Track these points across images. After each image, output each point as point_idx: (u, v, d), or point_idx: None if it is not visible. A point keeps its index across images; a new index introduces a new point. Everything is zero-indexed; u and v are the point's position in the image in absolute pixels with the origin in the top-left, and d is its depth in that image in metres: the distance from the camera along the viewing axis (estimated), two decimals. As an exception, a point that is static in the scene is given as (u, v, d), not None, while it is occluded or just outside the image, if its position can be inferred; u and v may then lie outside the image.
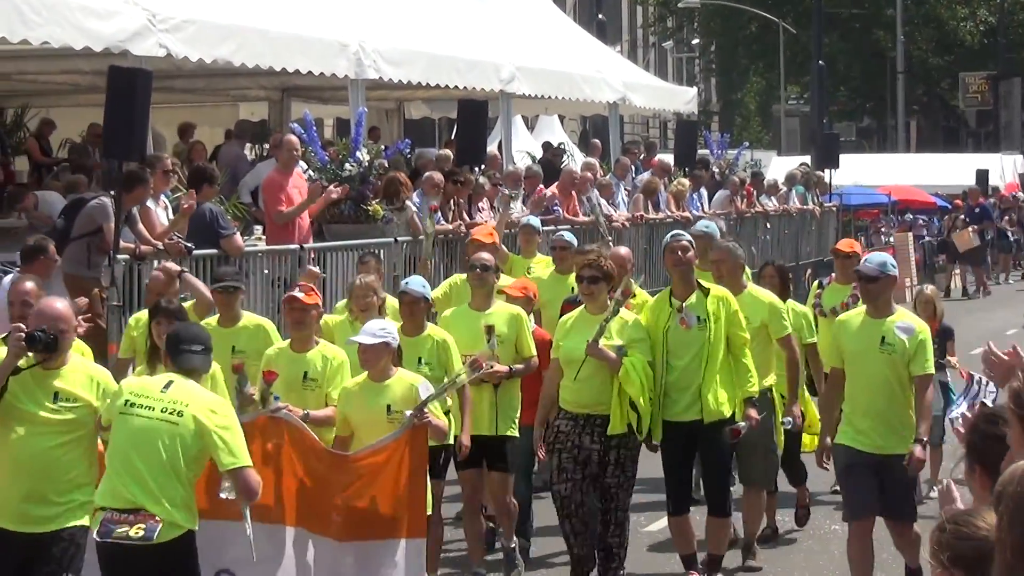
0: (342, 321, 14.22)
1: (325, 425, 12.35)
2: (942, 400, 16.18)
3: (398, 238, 20.26)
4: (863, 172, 46.02)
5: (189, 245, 16.66)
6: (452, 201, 21.83)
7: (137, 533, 9.85)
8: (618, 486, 13.35)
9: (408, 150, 23.89)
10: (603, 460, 13.24)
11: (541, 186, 24.99)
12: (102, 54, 18.02)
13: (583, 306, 13.53)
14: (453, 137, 26.17)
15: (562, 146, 35.10)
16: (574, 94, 28.61)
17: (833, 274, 17.98)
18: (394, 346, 11.85)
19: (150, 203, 17.49)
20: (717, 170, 32.66)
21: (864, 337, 12.56)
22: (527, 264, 18.43)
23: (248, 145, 25.74)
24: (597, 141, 33.15)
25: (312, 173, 20.24)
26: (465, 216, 22.10)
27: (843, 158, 40.28)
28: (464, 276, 15.50)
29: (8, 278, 14.05)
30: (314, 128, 22.04)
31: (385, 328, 11.87)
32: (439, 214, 21.18)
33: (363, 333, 11.84)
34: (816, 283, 18.28)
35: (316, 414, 12.25)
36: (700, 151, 33.33)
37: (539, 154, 31.96)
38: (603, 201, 25.99)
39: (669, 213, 28.10)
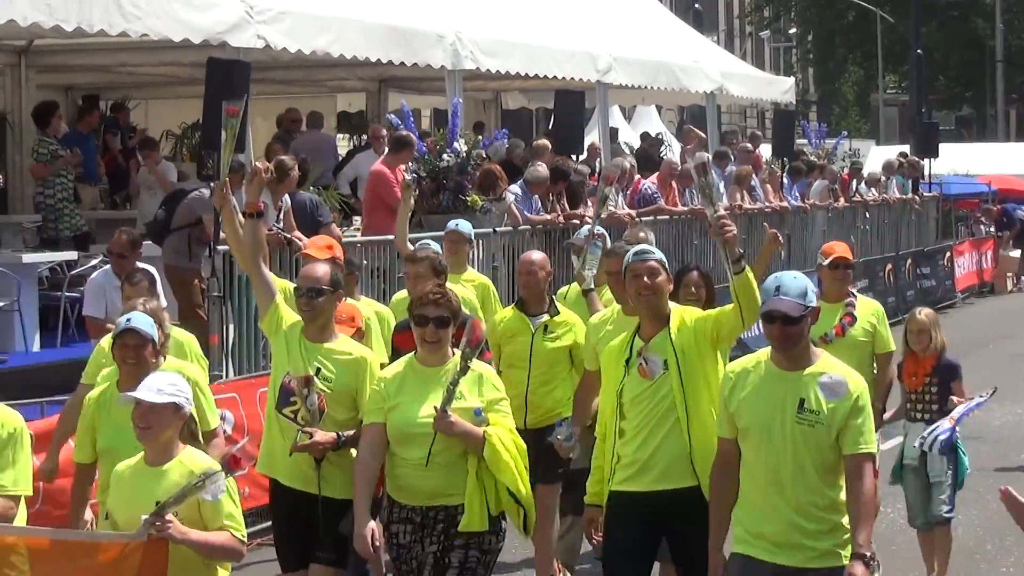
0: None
1: None
2: (949, 465, 12.44)
3: (496, 229, 20.19)
4: (962, 161, 45.42)
5: (288, 236, 16.65)
6: (550, 192, 21.73)
7: None
8: None
9: (505, 141, 23.82)
10: (439, 564, 9.21)
11: (638, 177, 24.93)
12: (200, 46, 18.07)
13: (411, 354, 9.53)
14: (551, 127, 26.05)
15: (660, 136, 34.98)
16: (671, 84, 28.49)
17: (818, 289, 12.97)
18: (187, 411, 8.17)
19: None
20: (815, 160, 32.42)
21: (770, 401, 8.17)
22: (455, 282, 13.19)
23: (346, 135, 25.73)
24: (690, 127, 32.92)
25: (411, 164, 20.20)
26: (564, 206, 21.99)
27: (942, 147, 39.76)
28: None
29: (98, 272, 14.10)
30: (411, 119, 22.00)
31: (175, 384, 8.19)
32: (539, 205, 21.14)
33: (142, 388, 8.05)
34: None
35: None
36: (798, 141, 33.12)
37: (637, 144, 31.86)
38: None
39: (767, 203, 27.99)
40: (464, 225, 14.59)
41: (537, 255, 13.02)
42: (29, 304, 17.14)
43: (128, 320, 9.26)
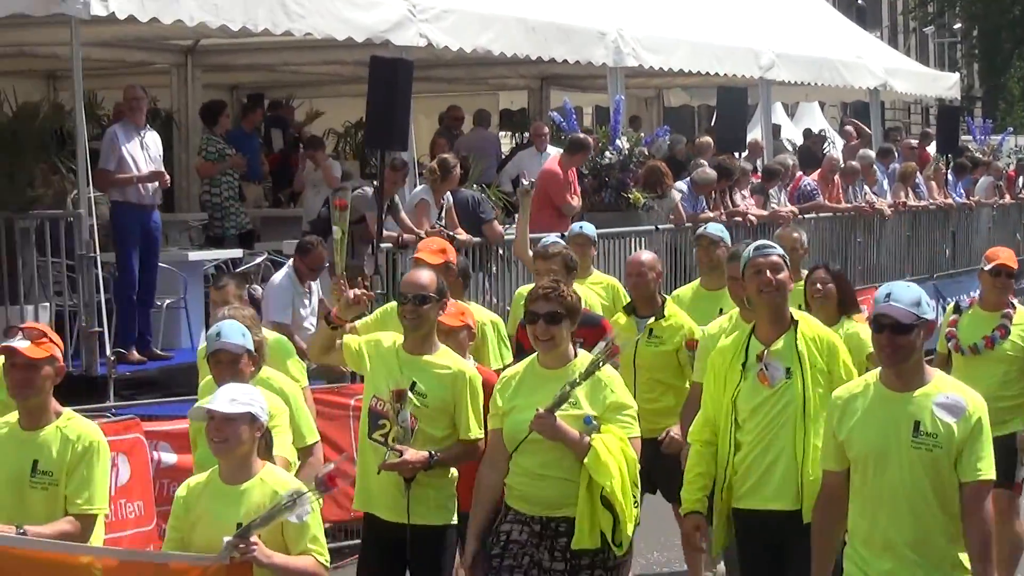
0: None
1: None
2: None
3: (658, 226, 20.13)
4: None
5: (451, 233, 16.67)
6: (712, 191, 21.64)
7: None
8: None
9: (667, 137, 23.76)
10: None
11: (799, 174, 24.78)
12: (363, 44, 18.18)
13: (533, 357, 8.80)
14: (713, 124, 25.94)
15: (823, 133, 34.73)
16: (834, 80, 28.21)
17: (975, 294, 12.24)
18: (263, 421, 7.62)
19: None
20: (980, 156, 32.04)
21: (883, 425, 7.34)
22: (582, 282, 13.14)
23: (508, 133, 25.73)
24: (850, 128, 32.62)
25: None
26: (727, 203, 21.89)
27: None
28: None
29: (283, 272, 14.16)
30: (574, 116, 22.01)
31: (249, 393, 7.71)
32: (703, 204, 21.08)
33: (216, 399, 7.57)
34: (952, 306, 12.30)
35: (38, 530, 7.68)
36: (962, 137, 32.74)
37: (799, 141, 31.67)
38: (867, 188, 25.64)
39: (932, 200, 27.69)
40: (588, 228, 14.33)
41: (647, 255, 12.49)
42: (195, 301, 17.27)
43: (218, 336, 8.85)
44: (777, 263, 8.74)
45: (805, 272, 12.19)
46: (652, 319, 11.78)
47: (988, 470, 7.23)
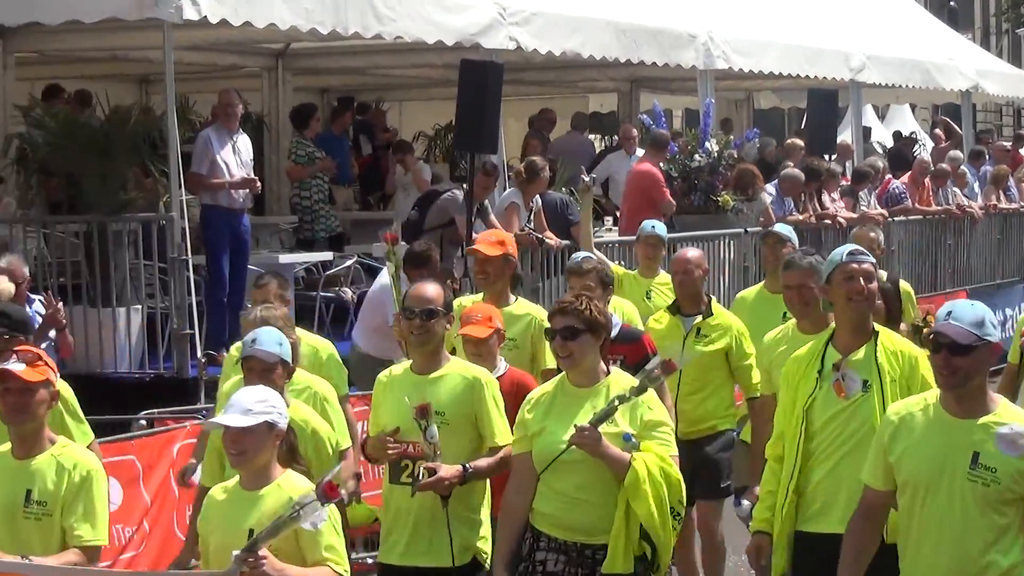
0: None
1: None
2: None
3: (748, 228, 20.06)
4: None
5: (540, 236, 16.68)
6: (801, 192, 21.55)
7: None
8: None
9: (756, 140, 23.68)
10: None
11: (888, 176, 24.66)
12: (453, 48, 18.22)
13: (562, 376, 8.26)
14: (803, 127, 25.85)
15: (913, 135, 34.56)
16: (925, 82, 28.04)
17: None
18: (281, 427, 7.18)
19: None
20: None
21: (938, 452, 6.77)
22: (647, 286, 13.63)
23: (597, 136, 25.69)
24: (940, 131, 32.44)
25: (662, 164, 20.15)
26: (816, 206, 21.80)
27: None
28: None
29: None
30: (663, 119, 21.97)
31: (266, 400, 7.19)
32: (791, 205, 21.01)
33: (230, 410, 7.15)
34: None
35: (43, 562, 7.31)
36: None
37: (889, 143, 31.51)
38: (957, 190, 25.48)
39: (1022, 204, 27.48)
40: (660, 227, 14.11)
41: (693, 252, 12.00)
42: (286, 304, 17.33)
43: (253, 342, 8.44)
44: (870, 271, 8.22)
45: (884, 274, 11.90)
46: (699, 318, 11.43)
47: None
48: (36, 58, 19.07)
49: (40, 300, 14.11)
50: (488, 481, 8.69)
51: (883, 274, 11.99)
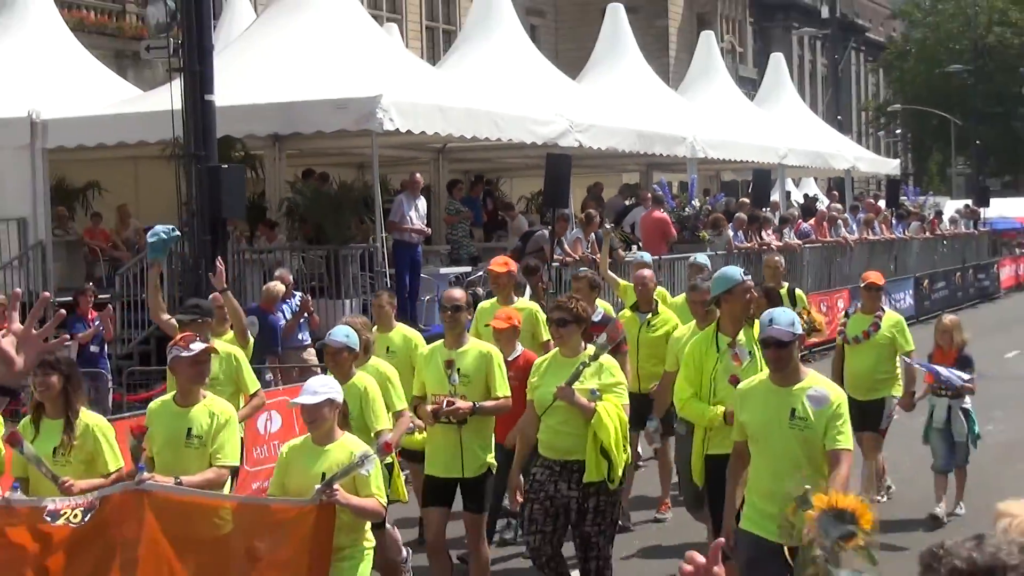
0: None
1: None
2: (965, 425, 10.47)
3: (717, 252, 19.94)
4: (1006, 209, 43.45)
5: (593, 257, 16.56)
6: (748, 229, 21.36)
7: None
8: (598, 534, 7.61)
9: (723, 199, 23.51)
10: (582, 508, 7.55)
11: (800, 220, 24.33)
12: (542, 146, 18.18)
13: (556, 349, 7.91)
14: (750, 191, 25.59)
15: (816, 196, 34.09)
16: (824, 164, 28.15)
17: (859, 303, 11.21)
18: (338, 402, 6.63)
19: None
20: (913, 209, 31.51)
21: (769, 409, 6.49)
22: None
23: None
24: (835, 193, 32.00)
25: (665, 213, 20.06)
26: (757, 238, 21.56)
27: (993, 201, 38.82)
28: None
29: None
30: (667, 187, 21.94)
31: (327, 384, 6.76)
32: (742, 237, 20.81)
33: (304, 392, 6.63)
34: (844, 312, 11.77)
35: (191, 479, 6.73)
36: (902, 198, 32.16)
37: (801, 200, 31.10)
38: (843, 229, 25.14)
39: (884, 236, 27.08)
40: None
41: (647, 271, 11.09)
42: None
43: (328, 335, 7.87)
44: (752, 286, 8.03)
45: (785, 284, 11.92)
46: (650, 315, 10.59)
47: (844, 441, 6.29)
48: (297, 153, 19.22)
49: (300, 296, 14.20)
50: (494, 419, 8.15)
51: (785, 284, 11.99)
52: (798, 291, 12.03)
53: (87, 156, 17.57)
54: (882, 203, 31.35)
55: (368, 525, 6.65)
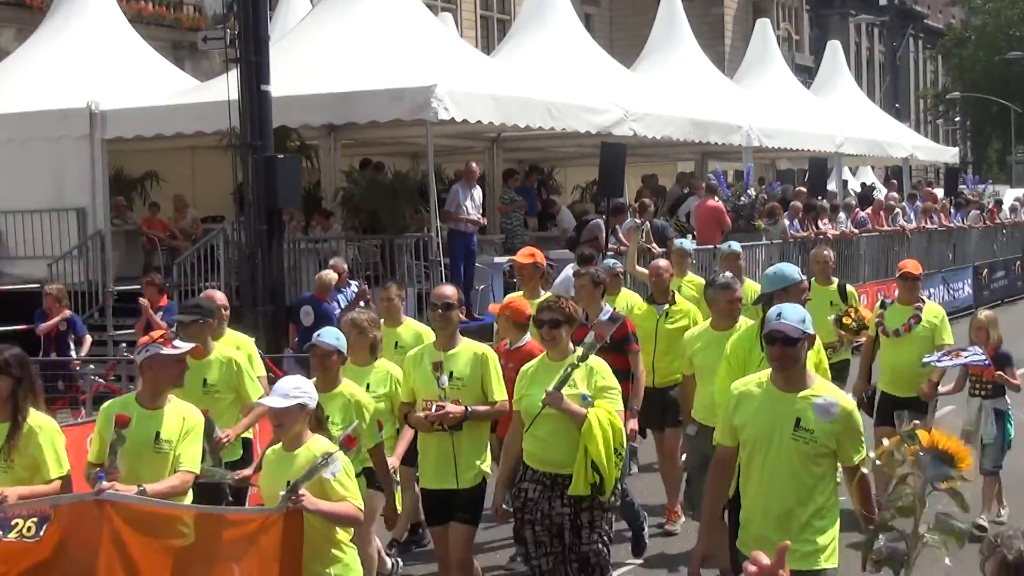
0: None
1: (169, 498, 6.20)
2: (995, 428, 9.66)
3: (773, 241, 19.76)
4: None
5: (649, 247, 16.43)
6: (804, 218, 21.14)
7: None
8: (597, 552, 6.88)
9: (779, 188, 23.29)
10: (575, 524, 6.84)
11: (858, 209, 24.14)
12: (596, 135, 18.06)
13: (543, 354, 7.11)
14: (806, 180, 25.33)
15: (873, 184, 33.69)
16: (882, 152, 27.60)
17: (896, 293, 10.30)
18: (310, 407, 5.97)
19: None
20: (972, 197, 31.07)
21: (769, 417, 5.59)
22: (678, 283, 11.10)
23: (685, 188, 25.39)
24: (893, 182, 31.62)
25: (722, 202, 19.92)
26: (813, 227, 21.33)
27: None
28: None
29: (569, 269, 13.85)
30: (722, 176, 21.82)
31: (300, 387, 6.01)
32: (798, 226, 20.60)
33: (274, 394, 5.98)
34: (879, 303, 10.60)
35: (155, 487, 6.10)
36: (960, 186, 31.62)
37: (859, 189, 30.75)
38: (900, 218, 24.84)
39: (943, 224, 26.72)
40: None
41: (663, 262, 10.44)
42: (497, 287, 17.29)
43: (318, 336, 7.19)
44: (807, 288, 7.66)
45: (835, 280, 11.19)
46: (667, 306, 9.89)
47: (860, 455, 5.48)
48: (352, 143, 19.21)
49: (355, 284, 14.21)
50: (490, 424, 7.47)
51: (835, 280, 11.19)
52: (849, 287, 11.37)
53: (145, 146, 17.68)
54: (940, 192, 30.85)
55: (349, 534, 5.95)
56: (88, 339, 14.00)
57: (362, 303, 14.15)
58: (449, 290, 7.47)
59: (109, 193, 17.38)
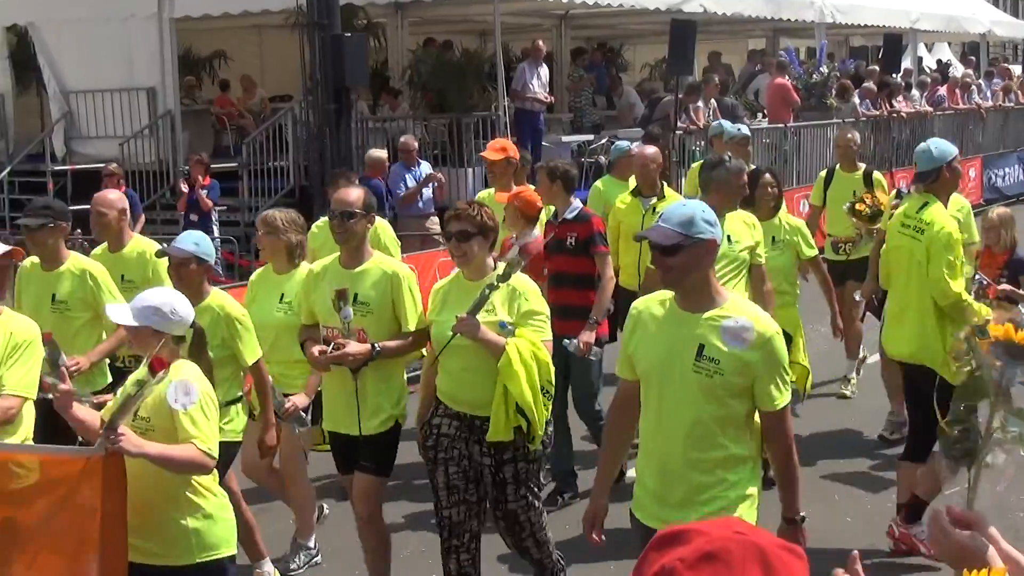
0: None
1: None
2: None
3: (845, 120, 19.34)
4: None
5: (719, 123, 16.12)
6: (878, 96, 20.64)
7: None
8: (527, 508, 5.65)
9: (852, 64, 22.69)
10: (498, 479, 5.59)
11: (935, 86, 23.45)
12: (666, 11, 17.68)
13: (458, 272, 5.72)
14: (880, 56, 24.69)
15: (949, 61, 32.78)
16: (957, 28, 26.77)
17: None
18: (163, 332, 4.56)
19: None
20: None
21: (667, 343, 4.26)
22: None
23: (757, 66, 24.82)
24: (966, 62, 30.75)
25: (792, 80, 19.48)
26: (887, 105, 20.82)
27: None
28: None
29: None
30: (794, 53, 21.35)
31: (151, 305, 4.60)
32: (869, 104, 20.11)
33: (131, 307, 4.66)
34: (895, 192, 9.18)
35: None
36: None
37: (934, 65, 29.96)
38: (976, 96, 24.14)
39: (1020, 103, 25.98)
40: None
41: (650, 150, 8.82)
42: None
43: (172, 242, 6.03)
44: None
45: (862, 166, 10.07)
46: (655, 200, 8.49)
47: (783, 397, 4.22)
48: (419, 21, 18.97)
49: (426, 165, 14.14)
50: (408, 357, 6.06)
51: (862, 165, 10.11)
52: (876, 174, 10.16)
53: (213, 25, 17.57)
54: (1019, 69, 30.00)
55: (214, 478, 4.69)
56: (142, 217, 14.23)
57: (433, 184, 14.10)
58: (353, 194, 5.86)
59: (178, 73, 17.33)
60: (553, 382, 5.53)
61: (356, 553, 6.27)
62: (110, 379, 6.67)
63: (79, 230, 10.86)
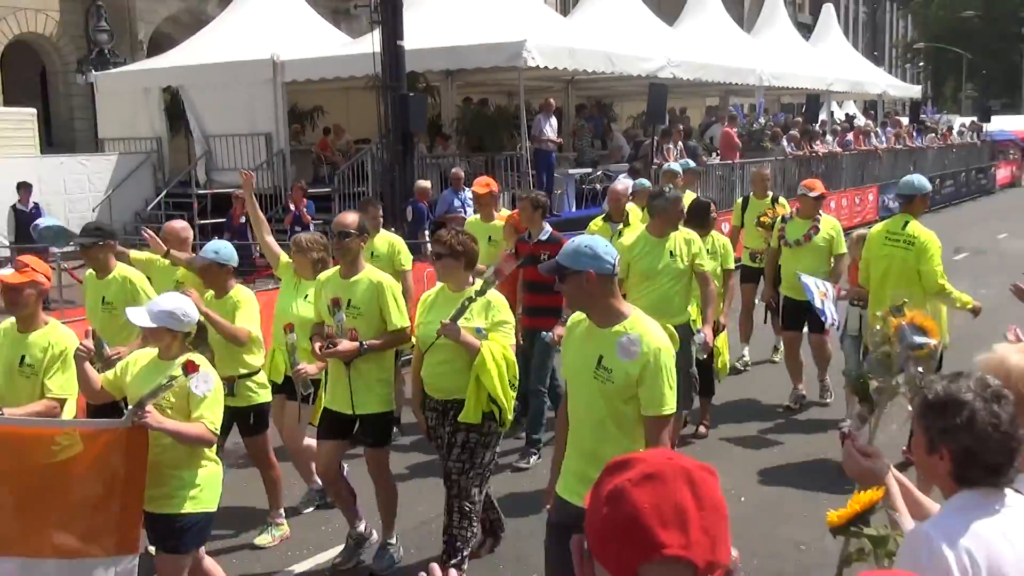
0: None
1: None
2: None
3: (776, 159, 19.18)
4: (1005, 124, 40.86)
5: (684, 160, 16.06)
6: (800, 140, 20.43)
7: None
8: (460, 472, 5.20)
9: (782, 117, 22.50)
10: (450, 441, 5.23)
11: (844, 132, 23.21)
12: (646, 77, 17.55)
13: (443, 284, 5.38)
14: (804, 111, 24.45)
15: (855, 115, 32.52)
16: (862, 90, 26.43)
17: (797, 208, 8.38)
18: (176, 331, 4.36)
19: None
20: (930, 125, 29.91)
21: (581, 352, 3.79)
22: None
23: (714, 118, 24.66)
24: (872, 113, 30.46)
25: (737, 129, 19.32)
26: (808, 148, 20.62)
27: (994, 118, 35.94)
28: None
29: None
30: (740, 109, 21.17)
31: (165, 310, 4.36)
32: (794, 146, 19.88)
33: (147, 310, 4.40)
34: (780, 218, 8.66)
35: (14, 412, 4.58)
36: (922, 116, 30.49)
37: (843, 118, 29.70)
38: (875, 140, 23.88)
39: (906, 145, 25.71)
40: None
41: (620, 185, 8.50)
42: (571, 192, 17.01)
43: (207, 251, 5.71)
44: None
45: (771, 193, 9.90)
46: (621, 225, 8.16)
47: (663, 406, 3.68)
48: (464, 84, 18.99)
49: (469, 191, 14.11)
50: (395, 350, 5.60)
51: (770, 192, 9.99)
52: (781, 199, 9.91)
53: (313, 87, 17.70)
54: (906, 120, 29.84)
55: (209, 451, 4.41)
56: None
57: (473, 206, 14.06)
58: (349, 218, 5.53)
59: (287, 122, 17.49)
60: (518, 376, 5.22)
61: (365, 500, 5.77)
62: None
63: (216, 236, 10.81)
